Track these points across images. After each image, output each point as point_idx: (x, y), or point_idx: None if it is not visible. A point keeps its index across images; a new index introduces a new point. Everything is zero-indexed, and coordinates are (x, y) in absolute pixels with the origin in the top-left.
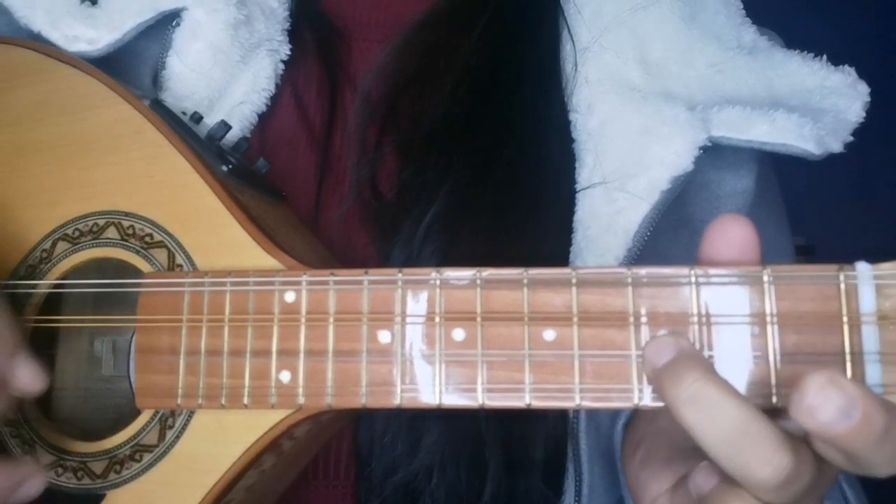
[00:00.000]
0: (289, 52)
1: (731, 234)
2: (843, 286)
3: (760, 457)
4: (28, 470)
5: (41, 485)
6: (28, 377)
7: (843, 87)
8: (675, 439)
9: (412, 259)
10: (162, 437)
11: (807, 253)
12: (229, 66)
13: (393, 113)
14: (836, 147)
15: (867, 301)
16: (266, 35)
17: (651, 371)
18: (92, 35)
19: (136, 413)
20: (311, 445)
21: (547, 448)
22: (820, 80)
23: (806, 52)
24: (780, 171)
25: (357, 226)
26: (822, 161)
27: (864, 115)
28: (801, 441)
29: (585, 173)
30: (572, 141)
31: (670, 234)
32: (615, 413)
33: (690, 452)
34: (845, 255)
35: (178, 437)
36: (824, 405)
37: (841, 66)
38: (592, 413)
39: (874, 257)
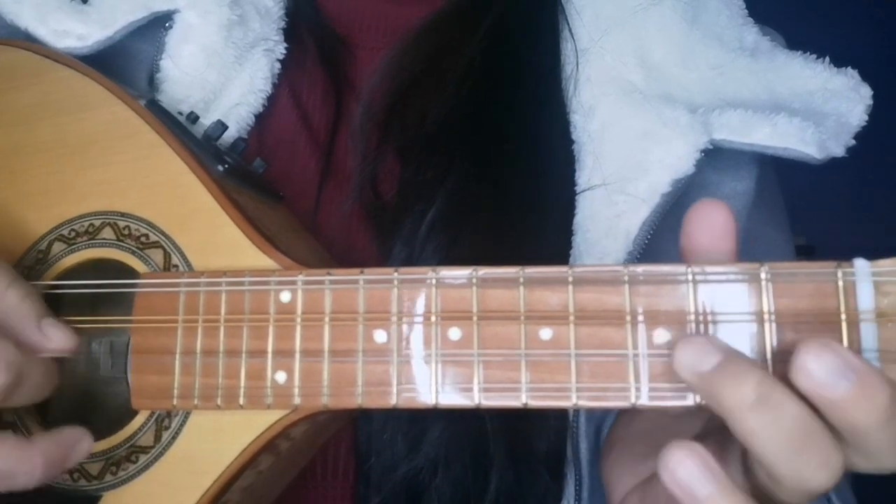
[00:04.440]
0: (284, 52)
1: (709, 219)
2: (841, 283)
3: (820, 459)
4: (76, 433)
5: (91, 443)
6: (60, 337)
7: (846, 90)
8: (652, 439)
9: (413, 257)
10: (158, 437)
11: (807, 253)
12: (224, 67)
13: (396, 114)
14: (838, 151)
15: (865, 298)
16: (261, 34)
17: (695, 376)
18: (82, 31)
19: (134, 413)
20: (309, 446)
21: (550, 439)
22: (822, 83)
23: (808, 53)
24: (780, 172)
25: (357, 227)
26: (824, 162)
27: (866, 118)
28: None
29: (585, 175)
30: (572, 143)
31: (670, 236)
32: (604, 418)
33: None
34: (845, 256)
35: (174, 438)
36: (819, 366)
37: (843, 69)
38: (592, 416)
39: (874, 257)
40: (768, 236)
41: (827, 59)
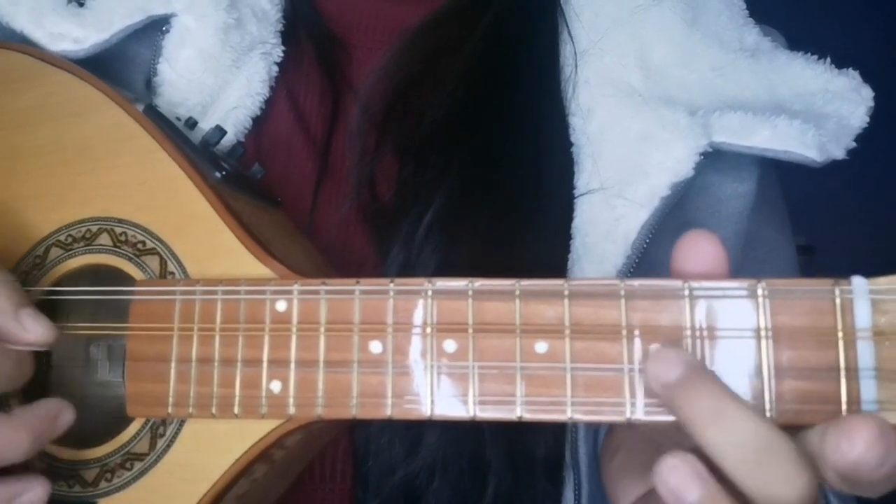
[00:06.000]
0: (281, 55)
1: (699, 250)
2: (838, 301)
3: (784, 475)
4: (56, 404)
5: (73, 414)
6: (37, 329)
7: (847, 91)
8: (654, 447)
9: (411, 259)
10: (153, 445)
11: (807, 253)
12: (221, 71)
13: (393, 115)
14: (839, 154)
15: (863, 316)
16: (259, 37)
17: (660, 387)
18: (78, 34)
19: (129, 420)
20: (304, 454)
21: (549, 444)
22: (823, 84)
23: (810, 54)
24: (781, 171)
25: (354, 229)
26: (823, 164)
27: (867, 120)
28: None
29: (584, 178)
30: (570, 145)
31: (671, 239)
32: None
33: None
34: (845, 256)
35: (168, 446)
36: (871, 460)
37: (845, 70)
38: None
39: (874, 259)
40: (769, 238)
41: (828, 59)
